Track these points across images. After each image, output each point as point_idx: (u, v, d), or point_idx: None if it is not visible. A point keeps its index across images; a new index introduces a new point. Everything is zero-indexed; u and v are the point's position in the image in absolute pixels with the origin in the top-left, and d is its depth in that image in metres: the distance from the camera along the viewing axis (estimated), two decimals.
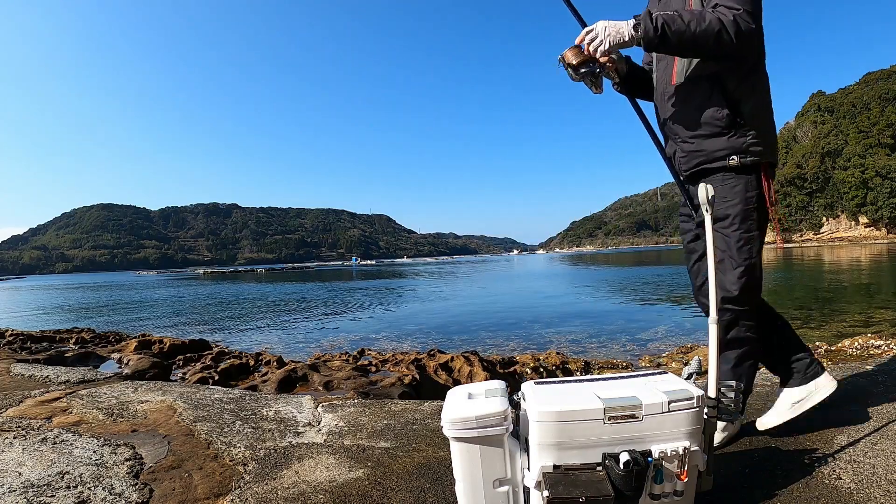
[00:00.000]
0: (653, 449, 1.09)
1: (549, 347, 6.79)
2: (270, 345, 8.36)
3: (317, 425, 2.14)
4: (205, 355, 5.70)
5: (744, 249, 1.58)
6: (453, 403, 1.20)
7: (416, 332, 9.35)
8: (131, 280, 67.85)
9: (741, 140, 1.54)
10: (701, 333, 7.55)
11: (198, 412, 2.28)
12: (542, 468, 1.08)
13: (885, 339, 4.03)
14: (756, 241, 1.59)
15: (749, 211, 1.57)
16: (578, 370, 5.01)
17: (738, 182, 1.57)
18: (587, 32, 1.49)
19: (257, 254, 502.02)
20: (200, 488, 1.54)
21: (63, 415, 2.28)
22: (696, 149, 1.62)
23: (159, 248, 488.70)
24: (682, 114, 1.64)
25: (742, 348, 1.66)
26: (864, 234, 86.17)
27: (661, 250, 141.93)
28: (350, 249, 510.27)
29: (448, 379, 4.36)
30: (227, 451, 1.83)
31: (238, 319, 12.96)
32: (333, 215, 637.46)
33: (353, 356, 5.59)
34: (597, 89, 1.63)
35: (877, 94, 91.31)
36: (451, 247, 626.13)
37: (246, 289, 28.72)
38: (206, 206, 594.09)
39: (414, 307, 14.52)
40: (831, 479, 1.41)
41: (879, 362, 2.69)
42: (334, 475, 1.63)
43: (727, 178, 1.58)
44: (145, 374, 4.11)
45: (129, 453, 1.79)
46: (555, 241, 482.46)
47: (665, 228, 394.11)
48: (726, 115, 1.53)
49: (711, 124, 1.56)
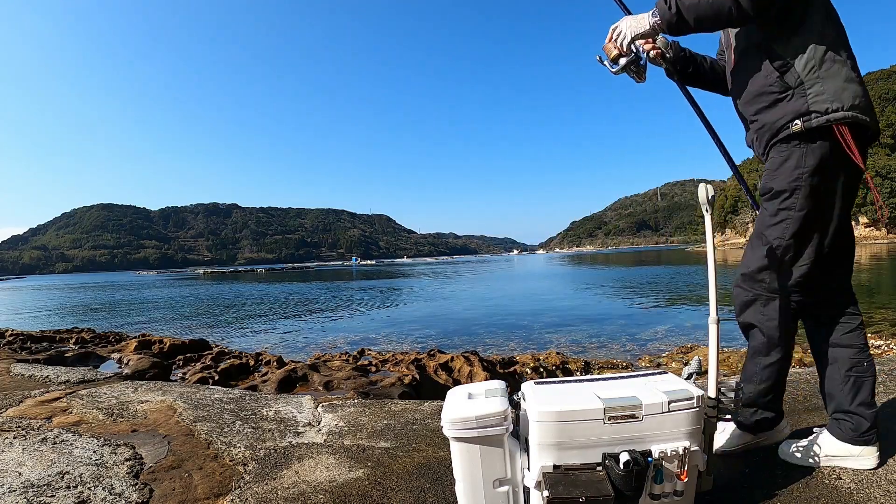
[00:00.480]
0: (653, 449, 1.08)
1: (549, 347, 6.79)
2: (270, 345, 8.36)
3: (317, 425, 2.14)
4: (205, 355, 5.70)
5: (776, 227, 1.41)
6: (453, 403, 1.20)
7: (416, 332, 9.35)
8: (131, 280, 67.85)
9: (801, 101, 1.34)
10: (701, 333, 7.55)
11: (198, 412, 2.28)
12: (542, 468, 1.08)
13: (885, 339, 4.03)
14: (796, 223, 1.38)
15: (795, 186, 1.37)
16: (578, 370, 5.01)
17: (792, 153, 1.38)
18: (613, 30, 1.54)
19: (257, 254, 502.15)
20: (200, 488, 1.54)
21: (63, 415, 2.28)
22: (760, 125, 1.46)
23: (159, 248, 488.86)
24: (743, 94, 1.51)
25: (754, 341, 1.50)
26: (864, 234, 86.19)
27: (661, 250, 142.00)
28: (350, 249, 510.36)
29: (448, 379, 4.36)
30: (227, 451, 1.83)
31: (238, 319, 12.96)
32: (333, 215, 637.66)
33: (353, 356, 5.59)
34: (639, 78, 1.63)
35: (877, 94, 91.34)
36: (451, 247, 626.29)
37: (246, 289, 28.72)
38: (206, 206, 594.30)
39: (414, 307, 14.52)
40: (831, 479, 1.41)
41: (879, 362, 2.68)
42: (334, 475, 1.63)
43: (781, 148, 1.40)
44: (145, 374, 4.12)
45: (129, 453, 1.79)
46: (555, 241, 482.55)
47: (665, 228, 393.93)
48: (776, 77, 1.37)
49: (766, 93, 1.41)
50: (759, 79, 1.42)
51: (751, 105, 1.48)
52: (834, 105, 1.31)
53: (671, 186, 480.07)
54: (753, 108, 1.47)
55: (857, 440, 1.43)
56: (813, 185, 1.35)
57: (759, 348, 1.49)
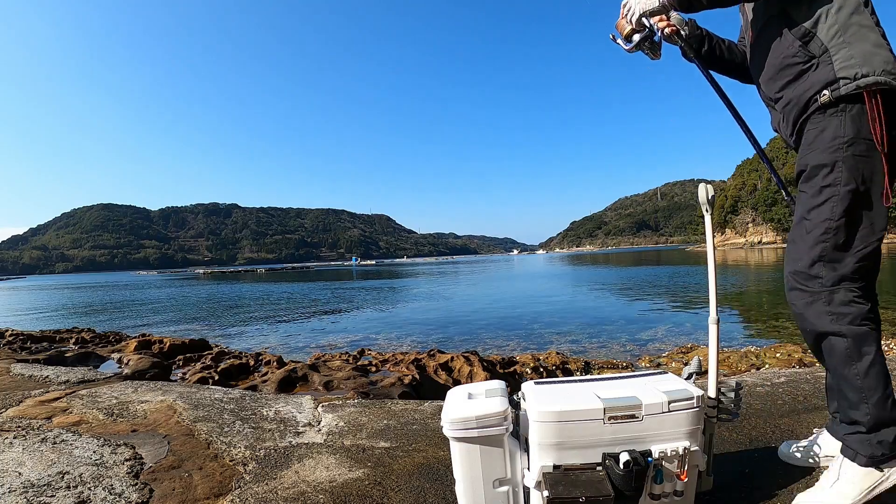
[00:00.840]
0: (653, 449, 1.09)
1: (549, 347, 6.79)
2: (270, 345, 8.36)
3: (317, 425, 2.14)
4: (205, 355, 5.71)
5: (822, 208, 1.23)
6: (453, 403, 1.20)
7: (416, 332, 9.35)
8: (131, 280, 67.88)
9: (827, 69, 1.22)
10: (701, 333, 7.55)
11: (198, 412, 2.28)
12: (542, 468, 1.08)
13: (885, 339, 4.03)
14: (844, 200, 1.20)
15: (835, 158, 1.20)
16: (578, 370, 5.01)
17: (828, 123, 1.23)
18: (623, 5, 1.49)
19: (257, 254, 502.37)
20: (200, 488, 1.54)
21: (63, 415, 2.28)
22: (786, 102, 1.33)
23: (159, 248, 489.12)
24: (764, 70, 1.38)
25: (834, 350, 1.23)
26: None
27: (661, 250, 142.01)
28: (350, 249, 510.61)
29: (448, 379, 4.36)
30: (227, 451, 1.82)
31: (238, 319, 12.96)
32: (333, 215, 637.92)
33: (353, 356, 5.60)
34: (654, 55, 1.59)
35: None
36: (450, 247, 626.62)
37: (246, 289, 28.72)
38: (206, 206, 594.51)
39: (414, 307, 14.52)
40: None
41: None
42: (334, 475, 1.63)
43: (816, 120, 1.26)
44: (145, 374, 4.12)
45: (129, 453, 1.79)
46: (555, 241, 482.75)
47: (665, 228, 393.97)
48: (799, 47, 1.26)
49: (790, 66, 1.29)
50: (781, 51, 1.31)
51: (774, 81, 1.36)
52: (864, 69, 1.18)
53: (671, 186, 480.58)
54: (777, 84, 1.35)
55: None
56: (856, 156, 1.19)
57: (846, 354, 1.21)
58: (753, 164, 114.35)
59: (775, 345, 5.25)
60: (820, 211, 1.23)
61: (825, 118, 1.23)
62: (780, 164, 70.27)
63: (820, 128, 1.24)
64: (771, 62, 1.35)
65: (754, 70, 1.45)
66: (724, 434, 1.78)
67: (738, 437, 1.77)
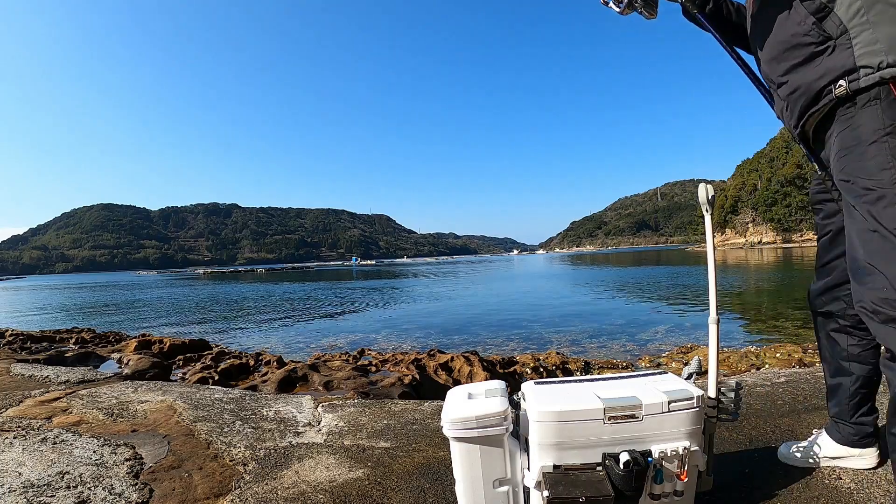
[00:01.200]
0: (653, 449, 1.09)
1: (549, 347, 6.79)
2: (270, 345, 8.36)
3: (317, 425, 2.14)
4: (205, 355, 5.71)
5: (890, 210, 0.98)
6: (453, 403, 1.20)
7: (416, 332, 9.35)
8: (131, 280, 67.88)
9: (845, 54, 1.01)
10: (701, 333, 7.55)
11: (198, 412, 2.28)
12: (542, 468, 1.08)
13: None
14: None
15: (889, 149, 0.97)
16: (578, 370, 5.01)
17: (862, 117, 1.01)
18: None
19: (257, 254, 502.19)
20: (200, 488, 1.54)
21: (63, 415, 2.28)
22: (792, 89, 1.14)
23: (159, 248, 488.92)
24: (767, 47, 1.19)
25: None
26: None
27: (661, 250, 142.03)
28: (350, 249, 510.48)
29: (448, 379, 4.36)
30: (227, 451, 1.83)
31: (238, 319, 12.97)
32: (333, 215, 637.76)
33: (353, 356, 5.59)
34: (650, 14, 1.46)
35: None
36: (450, 247, 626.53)
37: (246, 289, 28.72)
38: (206, 206, 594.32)
39: (414, 307, 14.52)
40: (831, 479, 1.41)
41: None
42: (334, 475, 1.63)
43: (844, 115, 1.05)
44: (145, 374, 4.12)
45: (129, 453, 1.79)
46: (555, 241, 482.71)
47: (665, 228, 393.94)
48: (811, 23, 1.05)
49: (799, 45, 1.09)
50: (790, 27, 1.10)
51: (778, 63, 1.16)
52: (890, 58, 0.96)
53: (671, 186, 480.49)
54: (782, 66, 1.15)
55: (858, 444, 1.40)
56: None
57: None
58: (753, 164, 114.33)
59: (775, 345, 5.25)
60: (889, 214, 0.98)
61: (856, 111, 1.02)
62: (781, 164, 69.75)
63: (852, 126, 1.03)
64: (776, 39, 1.15)
65: (755, 43, 1.26)
66: (724, 434, 1.78)
67: (738, 437, 1.77)
